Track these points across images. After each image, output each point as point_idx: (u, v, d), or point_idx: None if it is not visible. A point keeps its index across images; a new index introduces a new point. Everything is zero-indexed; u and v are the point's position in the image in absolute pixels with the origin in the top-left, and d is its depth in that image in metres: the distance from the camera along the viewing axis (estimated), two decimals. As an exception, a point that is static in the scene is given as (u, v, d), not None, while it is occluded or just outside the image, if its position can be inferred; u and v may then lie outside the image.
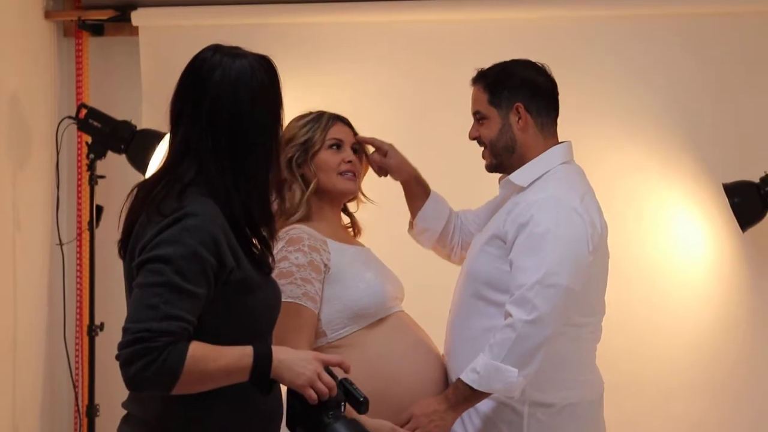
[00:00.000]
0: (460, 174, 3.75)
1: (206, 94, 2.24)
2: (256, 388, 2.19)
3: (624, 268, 3.98)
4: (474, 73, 2.96)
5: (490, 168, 2.94)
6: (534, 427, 2.78)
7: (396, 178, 3.09)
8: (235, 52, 2.30)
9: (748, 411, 4.07)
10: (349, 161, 2.90)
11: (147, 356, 2.06)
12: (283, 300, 2.64)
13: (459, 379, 2.71)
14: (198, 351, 2.10)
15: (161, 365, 2.06)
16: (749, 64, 4.09)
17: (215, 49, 2.32)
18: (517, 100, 2.86)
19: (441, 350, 2.94)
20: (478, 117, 2.92)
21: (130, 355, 2.07)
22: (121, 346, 2.09)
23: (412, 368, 2.80)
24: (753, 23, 4.08)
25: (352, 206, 3.07)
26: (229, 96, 2.24)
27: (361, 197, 3.04)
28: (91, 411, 4.31)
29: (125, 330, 2.10)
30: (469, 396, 2.71)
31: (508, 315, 2.67)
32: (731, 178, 3.96)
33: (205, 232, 2.15)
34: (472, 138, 2.94)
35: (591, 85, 4.15)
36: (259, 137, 2.26)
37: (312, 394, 2.19)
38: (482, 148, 2.95)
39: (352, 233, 3.05)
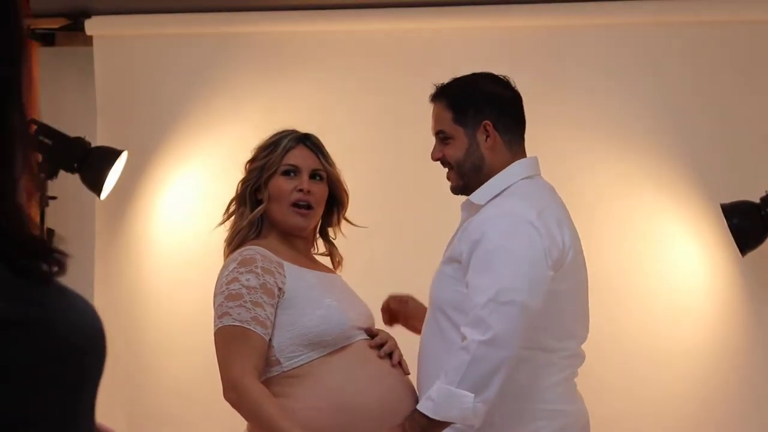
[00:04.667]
0: (432, 187, 3.70)
1: None
2: None
3: (614, 293, 4.01)
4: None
5: (457, 190, 2.90)
6: (507, 464, 2.76)
7: (415, 325, 3.03)
8: None
9: None
10: (300, 189, 2.86)
11: None
12: (230, 324, 2.70)
13: (415, 409, 2.69)
14: None
15: None
16: (749, 75, 4.08)
17: None
18: (484, 118, 2.83)
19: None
20: (442, 136, 2.87)
21: None
22: None
23: (377, 398, 2.75)
24: (754, 32, 4.07)
25: (330, 231, 3.05)
26: None
27: (339, 228, 3.01)
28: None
29: None
30: (426, 426, 2.66)
31: (463, 337, 2.64)
32: (730, 198, 3.90)
33: None
34: (435, 159, 2.90)
35: (580, 98, 4.15)
36: None
37: None
38: (446, 169, 2.91)
39: (325, 261, 3.02)
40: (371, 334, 2.84)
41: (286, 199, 2.86)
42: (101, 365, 1.24)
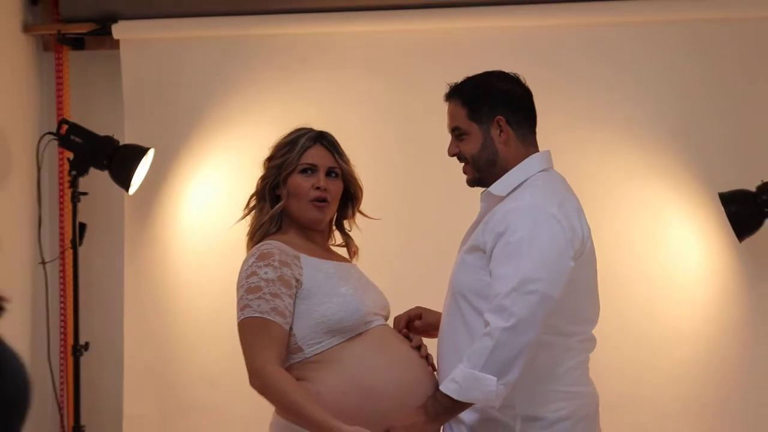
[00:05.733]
0: (442, 181, 3.78)
1: None
2: None
3: (617, 279, 4.05)
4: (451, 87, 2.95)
5: (472, 183, 2.93)
6: (526, 443, 2.76)
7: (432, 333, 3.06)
8: None
9: (746, 426, 4.08)
10: (318, 187, 2.92)
11: None
12: (251, 315, 2.75)
13: (438, 390, 2.73)
14: None
15: None
16: (746, 70, 4.11)
17: None
18: (498, 114, 2.86)
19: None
20: (457, 133, 2.91)
21: None
22: None
23: (396, 381, 2.79)
24: (752, 30, 4.10)
25: (346, 224, 3.10)
26: None
27: (354, 221, 3.07)
28: (77, 432, 4.36)
29: None
30: (450, 407, 2.71)
31: (486, 323, 2.67)
32: (727, 187, 3.97)
33: None
34: (451, 155, 2.93)
35: (588, 93, 4.19)
36: None
37: None
38: (462, 164, 2.94)
39: (344, 252, 3.07)
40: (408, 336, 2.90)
41: (305, 195, 2.91)
42: (25, 418, 1.31)
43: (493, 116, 2.86)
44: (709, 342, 4.10)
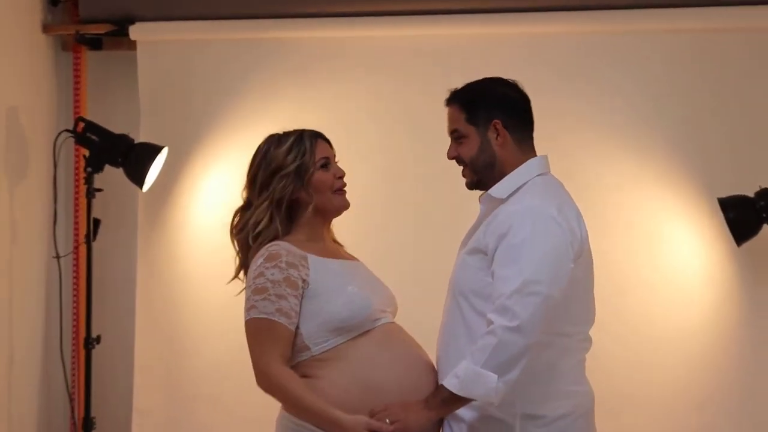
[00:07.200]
0: (441, 182, 3.80)
1: None
2: None
3: (620, 283, 4.08)
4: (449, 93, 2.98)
5: (471, 185, 2.97)
6: (526, 440, 2.79)
7: None
8: None
9: (741, 423, 4.10)
10: (340, 177, 2.98)
11: None
12: (256, 316, 2.78)
13: (441, 384, 2.76)
14: None
15: None
16: (744, 79, 4.14)
17: None
18: (495, 117, 2.89)
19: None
20: (456, 136, 2.95)
21: None
22: None
23: (399, 378, 2.83)
24: (749, 40, 4.13)
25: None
26: None
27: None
28: (87, 424, 4.36)
29: None
30: (449, 401, 2.74)
31: (490, 323, 2.70)
32: (726, 193, 3.99)
33: None
34: (450, 158, 2.96)
35: (589, 98, 4.22)
36: None
37: None
38: (459, 167, 2.98)
39: (351, 250, 3.10)
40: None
41: (329, 188, 2.95)
42: None
43: (490, 120, 2.89)
44: (707, 344, 4.12)
